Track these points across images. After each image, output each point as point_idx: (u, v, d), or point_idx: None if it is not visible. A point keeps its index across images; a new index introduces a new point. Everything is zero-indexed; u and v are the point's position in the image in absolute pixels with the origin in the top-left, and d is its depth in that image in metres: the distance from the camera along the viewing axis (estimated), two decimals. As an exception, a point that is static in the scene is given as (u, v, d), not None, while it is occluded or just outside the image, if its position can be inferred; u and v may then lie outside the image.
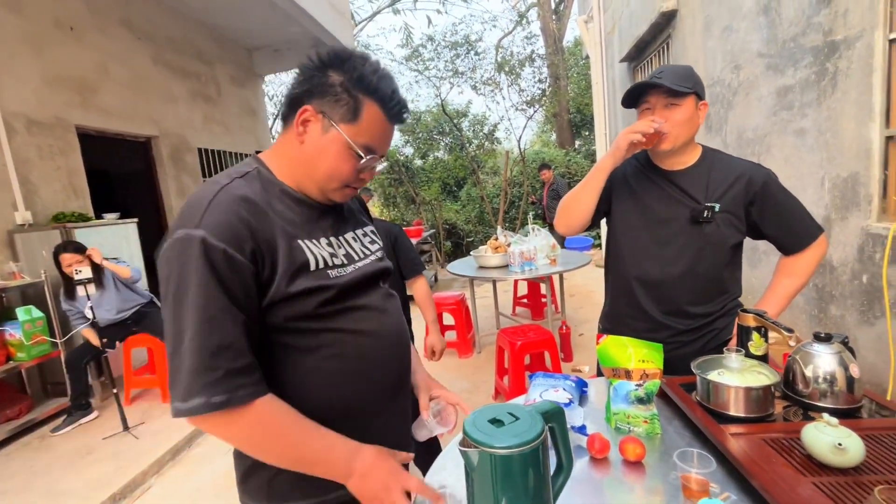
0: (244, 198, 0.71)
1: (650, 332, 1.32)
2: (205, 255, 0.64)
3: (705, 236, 1.26)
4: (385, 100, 0.75)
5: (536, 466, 0.68)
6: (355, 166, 0.77)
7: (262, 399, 0.68)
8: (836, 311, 2.28)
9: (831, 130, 2.23)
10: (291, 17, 5.34)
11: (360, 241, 0.89)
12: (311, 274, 0.74)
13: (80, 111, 3.93)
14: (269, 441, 0.69)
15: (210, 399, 0.63)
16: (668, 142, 1.23)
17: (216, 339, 0.64)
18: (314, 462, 0.72)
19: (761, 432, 0.93)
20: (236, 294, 0.67)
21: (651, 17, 4.25)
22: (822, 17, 2.22)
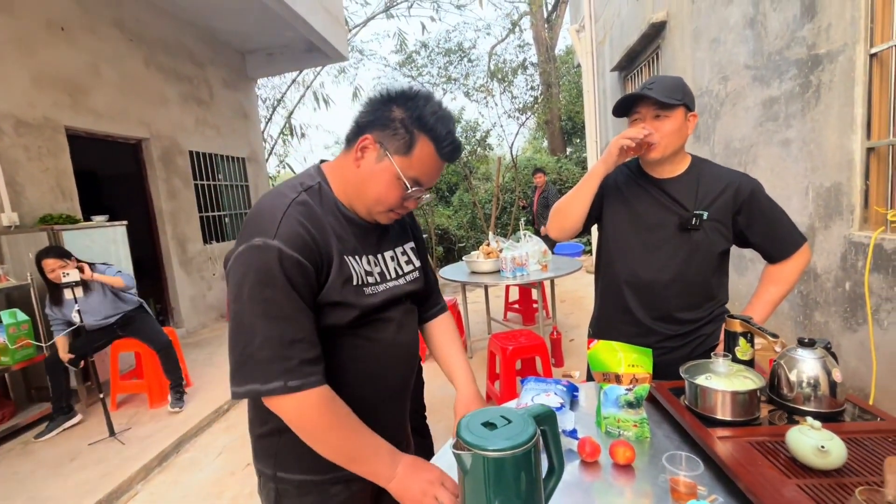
0: (309, 211, 0.81)
1: (639, 337, 1.36)
2: (282, 263, 0.74)
3: (694, 243, 1.29)
4: (439, 139, 0.82)
5: (528, 469, 0.69)
6: (402, 195, 0.84)
7: (325, 387, 0.77)
8: (820, 317, 2.33)
9: (815, 141, 2.29)
10: (286, 21, 5.35)
11: (398, 259, 0.96)
12: (353, 287, 0.83)
13: (69, 112, 3.89)
14: (328, 430, 0.77)
15: (287, 383, 0.73)
16: (657, 151, 1.26)
17: (292, 333, 0.74)
18: (362, 459, 0.79)
19: (747, 435, 0.95)
20: (306, 296, 0.77)
21: (641, 27, 4.33)
22: (806, 32, 2.29)
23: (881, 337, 1.92)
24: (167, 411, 3.16)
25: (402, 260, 0.97)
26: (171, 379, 3.21)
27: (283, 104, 10.97)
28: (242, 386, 0.74)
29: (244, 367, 0.74)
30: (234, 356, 0.75)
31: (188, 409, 3.19)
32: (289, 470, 0.89)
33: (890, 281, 1.86)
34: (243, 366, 0.74)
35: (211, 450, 2.78)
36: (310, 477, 0.89)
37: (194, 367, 3.92)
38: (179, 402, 3.19)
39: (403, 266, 0.96)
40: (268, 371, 0.73)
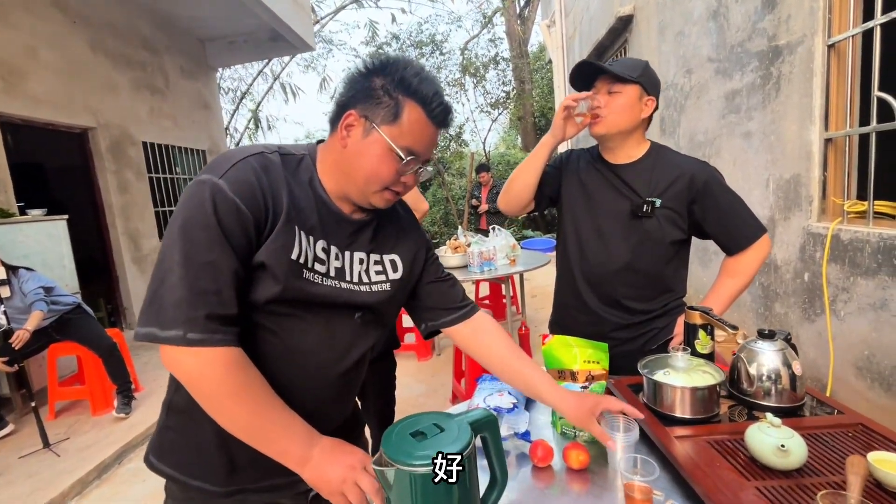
0: (270, 165, 0.74)
1: (591, 326, 1.33)
2: (214, 202, 0.67)
3: (644, 231, 1.26)
4: (426, 101, 0.75)
5: (462, 484, 0.61)
6: (396, 168, 0.76)
7: (235, 349, 0.68)
8: (780, 308, 2.34)
9: (775, 133, 2.30)
10: (246, 7, 5.11)
11: (367, 265, 0.85)
12: (288, 259, 0.73)
13: (3, 97, 3.59)
14: (231, 397, 0.67)
15: (186, 334, 0.64)
16: (603, 125, 1.23)
17: (207, 283, 0.66)
18: (271, 436, 0.69)
19: (707, 434, 0.90)
20: (237, 246, 0.68)
21: (609, 21, 4.32)
22: (767, 23, 2.29)
23: (838, 327, 1.93)
24: (112, 418, 2.95)
25: (373, 267, 0.85)
26: (117, 384, 2.99)
27: (249, 96, 10.61)
28: (144, 327, 0.66)
29: (150, 307, 0.66)
30: (147, 294, 0.67)
31: (135, 415, 2.99)
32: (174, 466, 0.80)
33: (846, 272, 1.87)
34: (150, 305, 0.66)
35: (158, 459, 2.60)
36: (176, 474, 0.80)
37: (146, 371, 3.69)
38: (126, 407, 2.98)
39: (372, 274, 0.85)
40: (170, 316, 0.65)
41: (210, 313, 0.65)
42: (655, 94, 1.25)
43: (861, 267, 1.79)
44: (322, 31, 10.53)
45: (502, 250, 3.51)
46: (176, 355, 0.66)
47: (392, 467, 0.60)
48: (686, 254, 1.34)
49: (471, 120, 12.22)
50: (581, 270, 1.35)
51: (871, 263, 1.75)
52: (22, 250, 3.16)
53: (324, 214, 0.79)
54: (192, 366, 0.66)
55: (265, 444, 0.69)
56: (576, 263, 1.36)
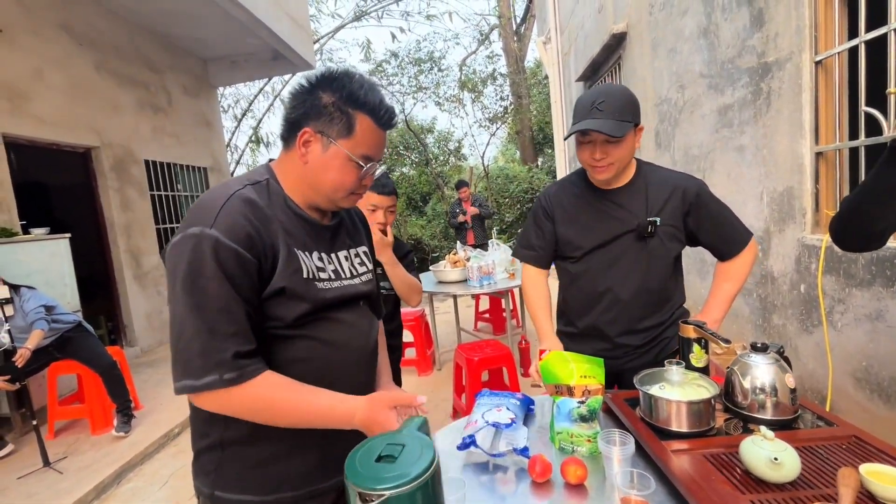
0: (252, 202, 0.78)
1: (609, 353, 1.33)
2: (217, 253, 0.71)
3: (650, 250, 1.29)
4: (375, 110, 0.82)
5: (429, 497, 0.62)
6: (358, 175, 0.84)
7: (268, 372, 0.76)
8: (778, 320, 2.35)
9: (767, 147, 2.34)
10: (248, 27, 5.21)
11: (351, 260, 0.94)
12: (303, 280, 0.81)
13: (8, 119, 3.65)
14: (280, 403, 0.76)
15: (223, 376, 0.70)
16: (608, 172, 1.24)
17: (226, 326, 0.72)
18: (323, 417, 0.79)
19: (702, 447, 0.91)
20: (244, 289, 0.74)
21: (603, 38, 4.41)
22: (756, 41, 2.35)
23: (835, 338, 1.94)
24: (111, 437, 2.94)
25: (355, 261, 0.95)
26: (117, 402, 2.98)
27: (251, 113, 10.74)
28: (178, 381, 0.72)
29: (178, 363, 0.72)
30: (172, 351, 0.74)
31: (135, 434, 2.97)
32: (228, 489, 0.84)
33: (842, 283, 1.89)
34: (177, 361, 0.72)
35: (157, 478, 2.58)
36: (250, 497, 0.84)
37: (145, 388, 3.68)
38: (125, 425, 2.97)
39: (357, 267, 0.95)
40: (199, 365, 0.71)
41: (237, 352, 0.72)
42: (639, 121, 1.24)
43: (856, 278, 1.81)
44: (322, 50, 10.72)
45: (501, 264, 3.53)
46: (221, 398, 0.73)
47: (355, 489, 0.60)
48: (681, 263, 1.39)
49: (469, 134, 12.36)
50: (596, 301, 1.34)
51: (866, 275, 1.76)
52: (24, 269, 3.18)
53: (307, 228, 0.86)
54: (242, 401, 0.73)
55: (320, 422, 0.80)
56: (590, 295, 1.35)
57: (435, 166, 11.26)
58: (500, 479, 0.97)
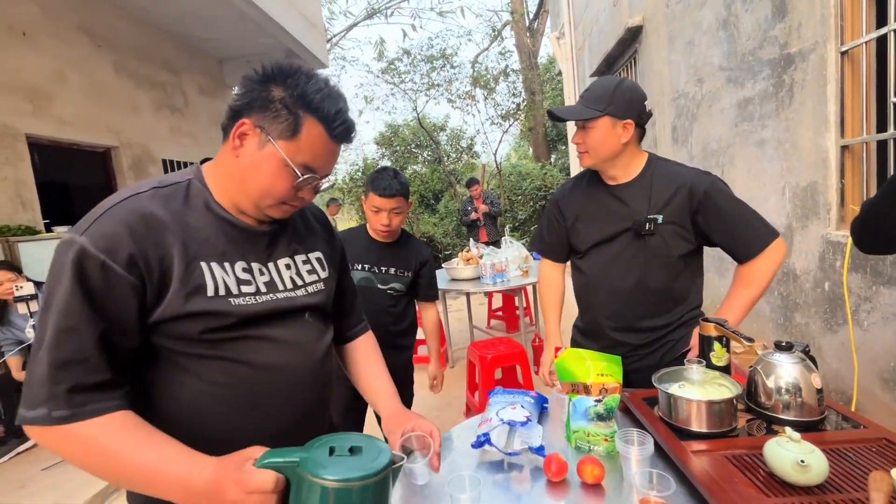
0: (145, 213, 0.68)
1: (608, 350, 1.31)
2: (78, 264, 0.62)
3: (650, 249, 1.25)
4: (328, 119, 0.72)
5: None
6: (292, 184, 0.73)
7: (118, 413, 0.63)
8: (800, 318, 2.29)
9: (790, 141, 2.27)
10: (262, 27, 5.26)
11: (296, 267, 0.83)
12: (206, 298, 0.70)
13: (31, 119, 3.73)
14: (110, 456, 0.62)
15: (51, 412, 0.60)
16: (587, 159, 1.28)
17: (68, 352, 0.61)
18: (148, 478, 0.62)
19: (724, 448, 0.88)
20: (105, 307, 0.63)
21: (618, 32, 4.34)
22: (778, 31, 2.28)
23: (861, 337, 1.88)
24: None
25: (303, 269, 0.84)
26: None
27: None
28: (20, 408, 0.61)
29: (25, 386, 0.62)
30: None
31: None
32: None
33: (868, 280, 1.82)
34: (25, 385, 0.62)
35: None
36: None
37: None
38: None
39: (304, 276, 0.84)
40: (34, 395, 0.60)
41: (75, 385, 0.61)
42: (631, 116, 1.22)
43: (884, 276, 1.75)
44: (335, 49, 10.77)
45: (515, 262, 3.51)
46: (47, 436, 0.61)
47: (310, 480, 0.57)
48: (699, 263, 1.33)
49: (481, 132, 12.31)
50: (596, 297, 1.36)
51: (894, 272, 1.70)
52: (48, 267, 3.27)
53: (232, 235, 0.75)
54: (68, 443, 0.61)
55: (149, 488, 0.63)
56: (587, 294, 1.39)
57: (447, 164, 11.24)
58: (515, 478, 0.95)
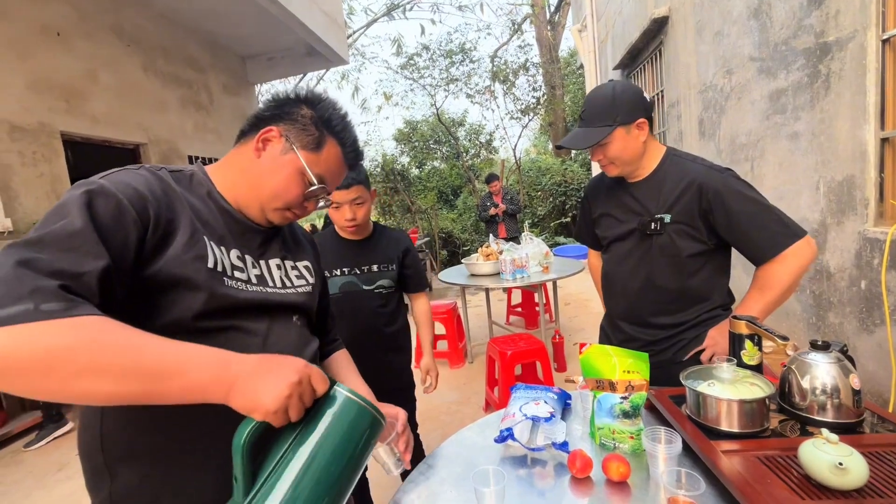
0: (161, 179, 0.71)
1: (624, 344, 1.36)
2: (92, 199, 0.60)
3: (658, 248, 1.25)
4: (346, 143, 0.82)
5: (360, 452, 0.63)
6: (303, 192, 0.79)
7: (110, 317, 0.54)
8: (834, 318, 2.21)
9: (825, 133, 2.19)
10: (284, 24, 5.32)
11: (285, 270, 0.85)
12: (206, 269, 0.69)
13: (65, 117, 3.88)
14: (106, 349, 0.51)
15: (39, 306, 0.48)
16: (614, 169, 1.28)
17: (64, 262, 0.53)
18: (171, 370, 0.53)
19: (755, 449, 0.86)
20: (113, 244, 0.59)
21: (643, 23, 4.24)
22: (814, 19, 2.19)
23: (900, 339, 1.80)
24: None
25: (291, 272, 0.86)
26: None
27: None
28: None
29: None
30: None
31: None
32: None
33: (909, 279, 1.75)
34: None
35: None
36: None
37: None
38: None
39: (293, 279, 0.86)
40: (4, 293, 0.48)
41: (67, 286, 0.52)
42: (640, 114, 1.21)
43: (925, 274, 1.67)
44: (354, 45, 10.83)
45: (535, 257, 3.48)
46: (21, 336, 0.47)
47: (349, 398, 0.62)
48: (721, 262, 1.28)
49: (501, 127, 12.21)
50: (610, 294, 1.42)
51: (937, 270, 1.63)
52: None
53: (231, 224, 0.78)
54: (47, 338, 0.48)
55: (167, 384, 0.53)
56: (607, 287, 1.44)
57: (466, 159, 11.21)
58: (538, 474, 0.95)
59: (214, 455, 0.68)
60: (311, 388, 0.59)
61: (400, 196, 10.69)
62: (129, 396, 0.52)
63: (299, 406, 0.58)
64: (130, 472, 0.68)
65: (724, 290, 1.30)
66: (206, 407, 0.67)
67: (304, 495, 0.56)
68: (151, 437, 0.69)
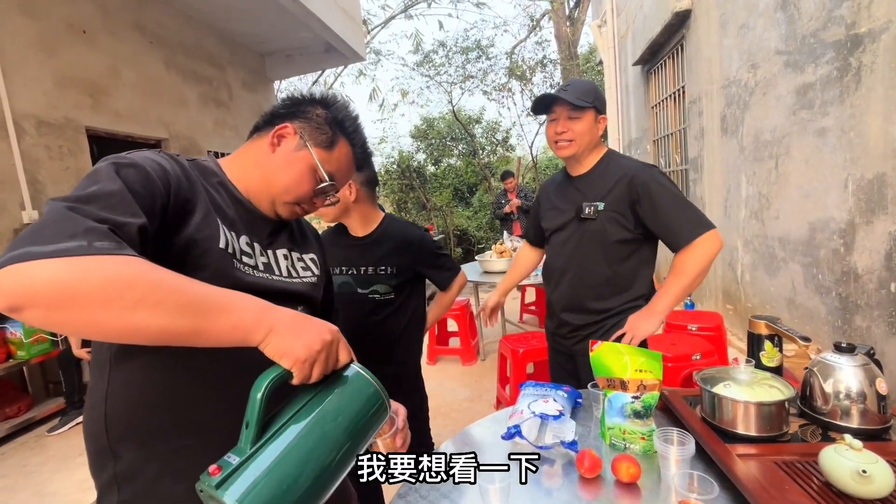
0: (181, 162, 0.73)
1: (556, 328, 1.54)
2: (119, 168, 0.61)
3: (589, 232, 1.39)
4: (356, 145, 0.86)
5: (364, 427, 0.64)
6: (314, 187, 0.82)
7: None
8: (861, 322, 2.12)
9: (855, 129, 2.10)
10: (302, 21, 5.36)
11: (291, 260, 0.87)
12: (217, 249, 0.69)
13: (90, 113, 3.97)
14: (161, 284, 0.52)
15: (93, 243, 0.50)
16: (571, 147, 1.38)
17: (112, 214, 0.55)
18: (220, 307, 0.55)
19: (773, 454, 0.83)
20: (144, 209, 0.59)
21: (665, 17, 4.14)
22: (845, 10, 2.10)
23: (932, 344, 1.72)
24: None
25: (297, 264, 0.87)
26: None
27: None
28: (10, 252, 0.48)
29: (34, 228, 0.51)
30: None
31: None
32: None
33: (943, 281, 1.66)
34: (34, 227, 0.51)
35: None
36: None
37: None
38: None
39: (299, 270, 0.87)
40: (56, 231, 0.49)
41: (113, 230, 0.54)
42: (604, 112, 1.42)
43: (961, 277, 1.59)
44: (372, 42, 10.86)
45: (549, 255, 3.43)
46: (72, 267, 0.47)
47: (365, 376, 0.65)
48: (647, 254, 1.41)
49: (518, 124, 12.12)
50: (550, 278, 1.52)
51: (974, 273, 1.54)
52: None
53: (241, 213, 0.79)
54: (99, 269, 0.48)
55: (212, 319, 0.54)
56: (548, 272, 1.53)
57: (482, 157, 11.15)
58: (546, 472, 0.93)
59: (217, 436, 0.67)
60: (336, 354, 0.62)
61: (415, 193, 10.70)
62: (178, 333, 0.53)
63: (324, 365, 0.60)
64: (134, 453, 0.69)
65: (647, 280, 1.43)
66: (209, 388, 0.71)
67: (305, 454, 0.57)
68: (155, 418, 0.69)
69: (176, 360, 0.68)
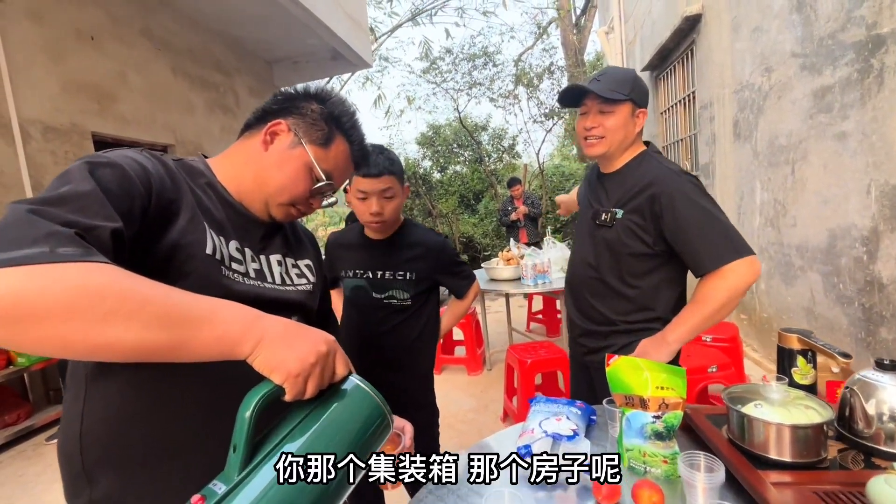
0: (165, 163, 0.68)
1: (570, 330, 1.44)
2: (100, 166, 0.57)
3: (603, 240, 1.26)
4: (354, 142, 0.81)
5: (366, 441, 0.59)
6: (310, 187, 0.77)
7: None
8: (887, 334, 2.03)
9: (878, 133, 2.02)
10: (310, 29, 5.37)
11: (285, 266, 0.82)
12: (203, 255, 0.64)
13: (97, 118, 3.98)
14: (133, 293, 0.47)
15: (56, 249, 0.45)
16: (601, 146, 1.23)
17: (81, 217, 0.50)
18: (201, 318, 0.50)
19: (812, 482, 0.75)
20: (119, 210, 0.55)
21: (674, 22, 4.09)
22: (865, 10, 2.03)
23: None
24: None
25: (291, 270, 0.82)
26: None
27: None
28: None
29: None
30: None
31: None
32: None
33: (977, 292, 1.57)
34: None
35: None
36: None
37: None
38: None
39: (293, 277, 0.82)
40: (17, 237, 0.45)
41: (80, 234, 0.49)
42: (646, 107, 1.23)
43: None
44: (379, 49, 10.91)
45: (557, 263, 3.36)
46: (34, 276, 0.43)
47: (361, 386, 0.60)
48: (671, 274, 1.22)
49: (524, 131, 12.08)
50: (569, 273, 1.43)
51: None
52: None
53: (232, 216, 0.74)
54: (68, 278, 0.44)
55: (194, 330, 0.49)
56: (570, 269, 1.43)
57: (488, 164, 11.12)
58: (559, 498, 0.86)
59: (202, 459, 0.63)
60: (332, 367, 0.57)
61: (421, 200, 10.67)
62: (155, 348, 0.48)
63: (319, 379, 0.55)
64: (111, 479, 0.64)
65: (671, 303, 1.24)
66: (190, 407, 0.67)
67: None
68: (135, 439, 0.64)
69: (157, 375, 0.63)
